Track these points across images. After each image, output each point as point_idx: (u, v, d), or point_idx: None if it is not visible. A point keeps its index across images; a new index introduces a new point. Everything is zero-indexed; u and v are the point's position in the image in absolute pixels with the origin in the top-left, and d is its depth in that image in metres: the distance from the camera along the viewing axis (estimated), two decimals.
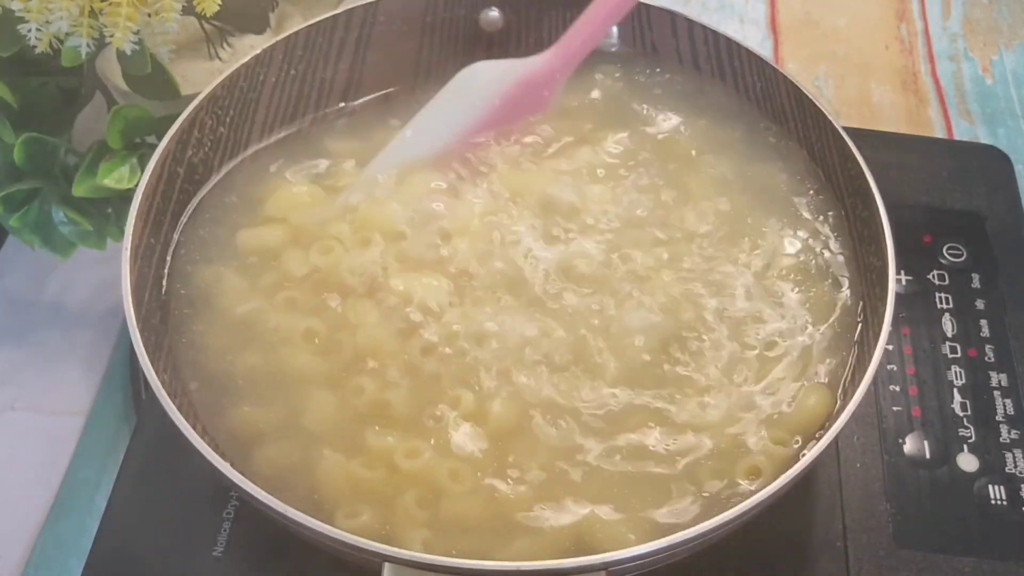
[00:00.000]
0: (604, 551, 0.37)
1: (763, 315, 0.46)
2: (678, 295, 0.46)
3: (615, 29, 0.56)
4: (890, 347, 0.55)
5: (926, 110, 0.72)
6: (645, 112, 0.54)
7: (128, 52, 0.48)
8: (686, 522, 0.40)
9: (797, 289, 0.47)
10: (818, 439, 0.41)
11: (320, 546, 0.38)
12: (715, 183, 0.51)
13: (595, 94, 0.55)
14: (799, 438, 0.42)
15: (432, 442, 0.42)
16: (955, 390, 0.54)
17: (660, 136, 0.53)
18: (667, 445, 0.42)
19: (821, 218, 0.50)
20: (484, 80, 0.52)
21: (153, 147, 0.47)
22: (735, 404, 0.43)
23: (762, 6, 0.80)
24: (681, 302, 0.46)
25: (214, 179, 0.51)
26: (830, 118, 0.49)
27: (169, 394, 0.39)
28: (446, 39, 0.57)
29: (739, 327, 0.45)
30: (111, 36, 0.47)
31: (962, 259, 0.59)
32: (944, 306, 0.57)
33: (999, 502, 0.50)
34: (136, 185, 0.46)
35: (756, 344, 0.45)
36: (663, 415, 0.43)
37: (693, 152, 0.52)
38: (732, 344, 0.45)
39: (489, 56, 0.55)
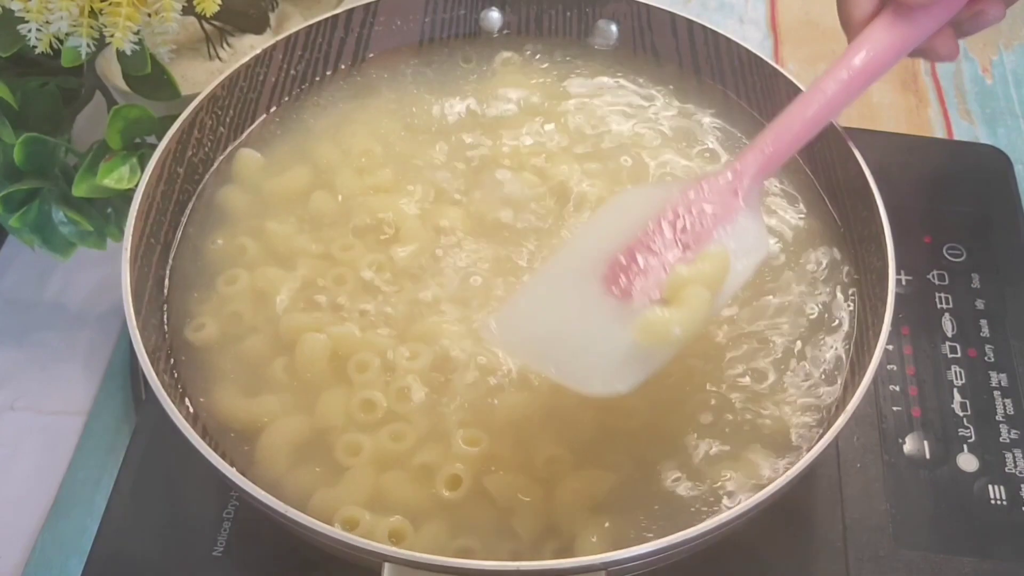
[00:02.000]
0: None
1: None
2: None
3: (615, 28, 0.56)
4: (890, 347, 0.55)
5: (926, 110, 0.72)
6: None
7: (128, 52, 0.48)
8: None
9: (797, 288, 0.47)
10: (819, 438, 0.41)
11: (320, 546, 0.38)
12: None
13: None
14: None
15: None
16: (955, 390, 0.54)
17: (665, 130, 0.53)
18: None
19: (821, 218, 0.50)
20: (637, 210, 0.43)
21: (153, 147, 0.47)
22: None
23: (762, 6, 0.80)
24: None
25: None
26: None
27: (169, 394, 0.39)
28: (446, 39, 0.57)
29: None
30: (111, 36, 0.47)
31: (962, 259, 0.59)
32: (944, 306, 0.57)
33: (999, 502, 0.50)
34: (136, 185, 0.46)
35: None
36: None
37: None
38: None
39: (490, 54, 0.55)
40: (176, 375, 0.44)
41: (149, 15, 0.48)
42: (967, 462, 0.51)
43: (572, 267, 0.42)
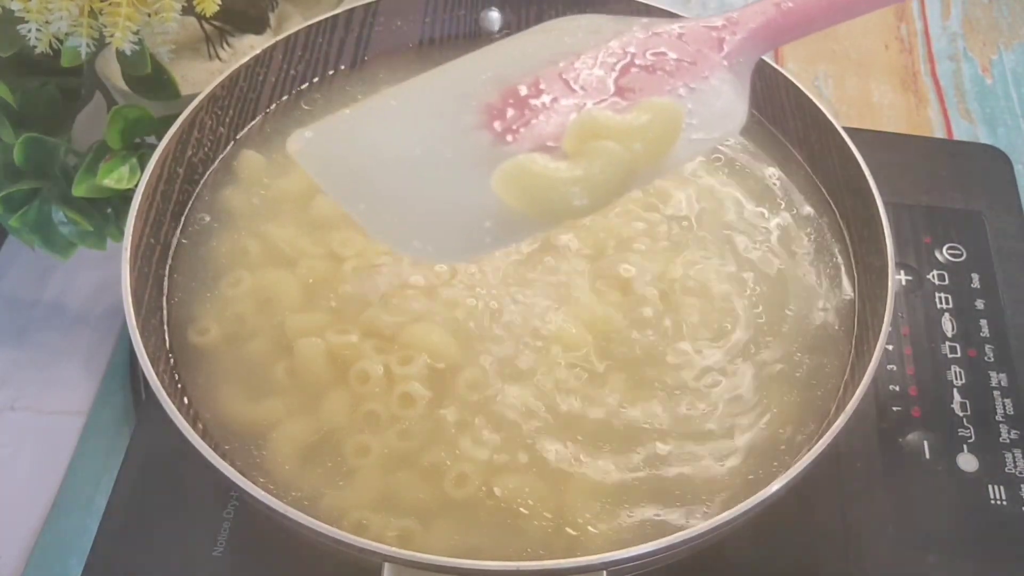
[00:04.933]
0: None
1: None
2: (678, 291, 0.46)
3: None
4: (890, 347, 0.55)
5: (926, 110, 0.72)
6: None
7: (128, 52, 0.48)
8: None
9: (796, 287, 0.47)
10: (818, 438, 0.41)
11: (320, 546, 0.38)
12: (714, 181, 0.51)
13: None
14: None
15: None
16: (955, 390, 0.54)
17: None
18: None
19: (821, 218, 0.50)
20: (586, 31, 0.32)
21: (153, 147, 0.47)
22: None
23: None
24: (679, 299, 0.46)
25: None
26: (830, 118, 0.49)
27: (169, 394, 0.39)
28: (446, 39, 0.57)
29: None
30: (111, 36, 0.47)
31: (962, 259, 0.59)
32: (944, 306, 0.57)
33: (999, 502, 0.50)
34: (136, 185, 0.46)
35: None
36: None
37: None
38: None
39: None
40: (176, 376, 0.44)
41: (149, 15, 0.48)
42: (967, 462, 0.51)
43: (448, 85, 0.31)
